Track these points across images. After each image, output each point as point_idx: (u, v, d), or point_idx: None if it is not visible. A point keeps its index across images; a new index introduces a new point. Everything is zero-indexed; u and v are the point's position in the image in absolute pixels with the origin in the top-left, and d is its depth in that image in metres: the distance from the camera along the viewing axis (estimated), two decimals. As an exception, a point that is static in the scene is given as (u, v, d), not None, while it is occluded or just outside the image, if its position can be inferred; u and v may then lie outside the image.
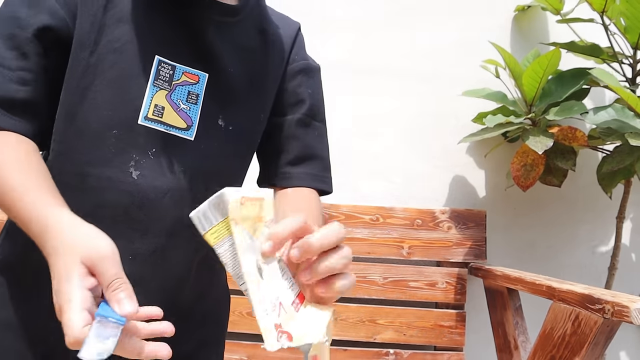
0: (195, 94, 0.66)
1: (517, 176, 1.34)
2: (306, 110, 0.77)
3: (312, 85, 0.79)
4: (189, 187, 0.66)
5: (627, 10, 1.25)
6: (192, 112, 0.66)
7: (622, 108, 1.24)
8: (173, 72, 0.65)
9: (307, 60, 0.80)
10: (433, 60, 1.53)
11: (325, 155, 0.80)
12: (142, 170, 0.63)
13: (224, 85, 0.69)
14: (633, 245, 1.54)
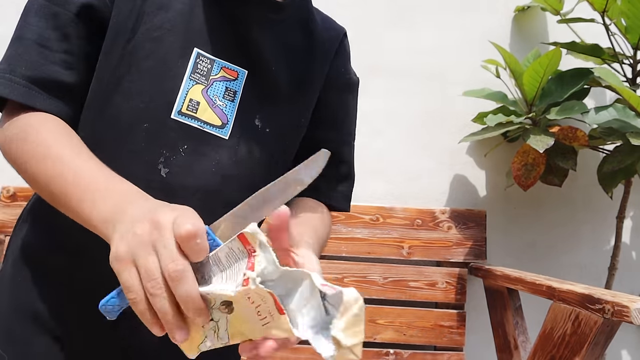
0: (232, 91, 0.63)
1: (517, 175, 1.34)
2: (346, 133, 0.77)
3: (352, 104, 0.79)
4: (220, 189, 0.63)
5: (628, 10, 1.24)
6: (228, 110, 0.63)
7: (623, 108, 1.24)
8: (211, 66, 0.62)
9: (350, 74, 0.78)
10: (433, 60, 1.53)
11: (353, 175, 0.80)
12: (172, 168, 0.60)
13: (264, 83, 0.65)
14: (633, 245, 1.54)
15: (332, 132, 0.75)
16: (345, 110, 0.77)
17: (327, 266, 1.38)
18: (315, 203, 0.73)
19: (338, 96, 0.75)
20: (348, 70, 0.78)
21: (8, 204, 1.37)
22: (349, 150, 0.77)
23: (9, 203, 1.37)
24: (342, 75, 0.76)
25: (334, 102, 0.75)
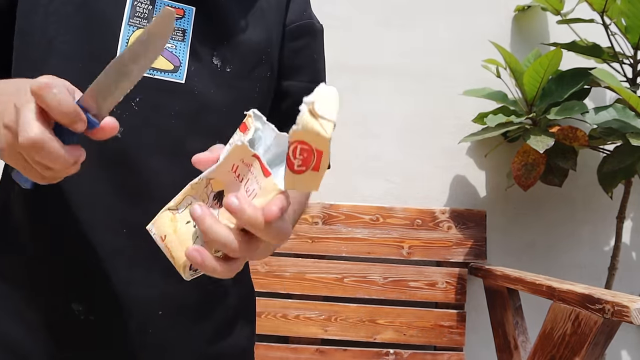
0: (181, 30, 0.56)
1: (518, 176, 1.34)
2: (313, 77, 0.70)
3: (317, 49, 0.72)
4: (183, 142, 0.57)
5: (628, 10, 1.25)
6: (178, 51, 0.56)
7: (623, 108, 1.24)
8: (152, 6, 0.55)
9: (312, 19, 0.72)
10: (433, 59, 1.53)
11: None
12: (126, 126, 0.53)
13: (215, 19, 0.59)
14: (633, 245, 1.54)
15: (302, 77, 0.69)
16: (307, 56, 0.70)
17: (327, 266, 1.38)
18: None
19: (301, 40, 0.69)
20: (310, 16, 0.72)
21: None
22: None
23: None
24: (304, 20, 0.70)
25: (299, 48, 0.69)
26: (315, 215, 1.39)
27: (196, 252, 0.38)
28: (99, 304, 0.56)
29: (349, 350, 1.35)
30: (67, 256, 0.56)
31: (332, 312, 1.36)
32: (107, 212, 0.56)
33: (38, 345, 0.56)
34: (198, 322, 0.62)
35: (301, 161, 0.37)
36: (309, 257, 1.37)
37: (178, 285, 0.57)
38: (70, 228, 0.56)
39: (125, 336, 0.57)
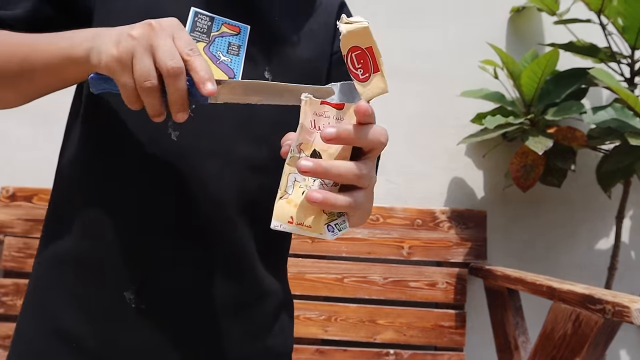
0: (236, 45, 0.62)
1: (516, 177, 1.34)
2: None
3: None
4: (235, 149, 0.61)
5: (624, 10, 1.25)
6: (234, 64, 0.61)
7: (621, 108, 1.24)
8: (211, 23, 0.61)
9: None
10: (432, 60, 1.53)
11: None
12: (181, 131, 0.59)
13: (269, 36, 0.64)
14: (633, 245, 1.54)
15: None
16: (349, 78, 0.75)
17: (327, 266, 1.38)
18: None
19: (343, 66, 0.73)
20: None
21: (8, 204, 1.36)
22: None
23: (9, 203, 1.36)
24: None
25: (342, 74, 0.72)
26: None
27: (315, 193, 0.42)
28: (149, 295, 0.59)
29: (349, 351, 1.35)
30: (122, 248, 0.59)
31: (332, 312, 1.36)
32: (161, 210, 0.60)
33: (89, 331, 0.59)
34: (242, 321, 0.64)
35: (362, 68, 0.44)
36: (309, 257, 1.37)
37: (224, 285, 0.61)
38: (125, 221, 0.59)
39: (171, 328, 0.60)
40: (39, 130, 1.46)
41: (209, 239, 0.61)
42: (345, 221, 0.47)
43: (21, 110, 1.49)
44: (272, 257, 0.68)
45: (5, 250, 1.34)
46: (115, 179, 0.60)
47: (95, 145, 0.61)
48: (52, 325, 0.60)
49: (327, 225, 0.45)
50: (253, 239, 0.64)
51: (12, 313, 1.31)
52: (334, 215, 0.46)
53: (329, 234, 0.45)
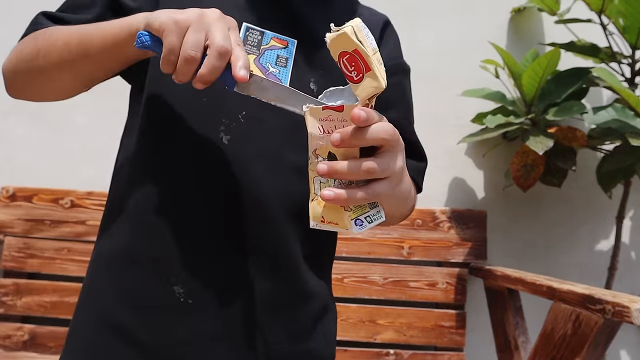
0: (284, 58, 0.66)
1: (517, 176, 1.34)
2: (405, 112, 0.77)
3: (407, 87, 0.80)
4: (282, 153, 0.66)
5: (625, 9, 1.25)
6: (281, 75, 0.65)
7: (622, 108, 1.24)
8: (262, 37, 0.65)
9: (401, 58, 0.81)
10: (433, 60, 1.53)
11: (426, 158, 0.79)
12: (233, 135, 0.63)
13: (314, 50, 0.68)
14: (633, 245, 1.54)
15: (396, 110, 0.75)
16: (399, 91, 0.78)
17: (327, 266, 1.38)
18: None
19: (396, 78, 0.76)
20: (400, 55, 0.81)
21: (8, 204, 1.36)
22: (409, 128, 0.78)
23: (9, 203, 1.36)
24: (392, 59, 0.78)
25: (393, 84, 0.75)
26: (315, 215, 1.39)
27: (326, 192, 0.46)
28: (196, 290, 0.62)
29: (349, 351, 1.35)
30: (171, 245, 0.63)
31: (332, 312, 1.36)
32: (208, 211, 0.63)
33: (140, 324, 0.62)
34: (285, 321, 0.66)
35: (355, 70, 0.46)
36: (309, 257, 1.37)
37: (268, 284, 0.64)
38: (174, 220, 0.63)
39: (217, 323, 0.62)
40: (39, 130, 1.46)
41: (254, 240, 0.63)
42: (380, 212, 0.49)
43: (21, 110, 1.51)
44: (318, 258, 0.70)
45: (5, 250, 1.34)
46: (167, 179, 0.64)
47: (151, 145, 0.65)
48: (105, 320, 0.63)
49: (355, 220, 0.48)
50: (298, 240, 0.66)
51: (12, 313, 1.32)
52: (362, 208, 0.49)
53: (356, 228, 0.48)
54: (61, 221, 1.36)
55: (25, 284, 1.33)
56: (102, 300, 0.64)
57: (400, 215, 0.70)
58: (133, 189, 0.65)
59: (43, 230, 1.35)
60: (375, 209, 0.49)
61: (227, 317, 0.63)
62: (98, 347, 0.63)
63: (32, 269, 1.33)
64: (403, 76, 0.80)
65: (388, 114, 0.73)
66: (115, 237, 0.66)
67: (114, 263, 0.65)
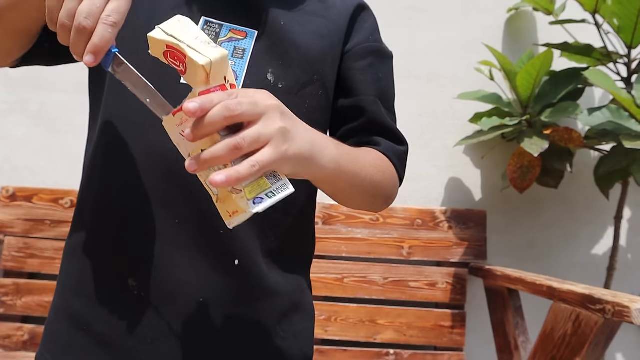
0: (241, 49, 0.65)
1: (513, 178, 1.34)
2: (375, 95, 0.73)
3: (383, 71, 0.75)
4: None
5: (619, 10, 1.24)
6: (237, 67, 0.64)
7: (617, 109, 1.24)
8: (220, 29, 0.64)
9: (379, 43, 0.77)
10: (430, 60, 1.53)
11: (405, 142, 0.77)
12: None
13: (274, 40, 0.66)
14: (631, 245, 1.54)
15: (368, 91, 0.72)
16: (368, 74, 0.74)
17: (327, 266, 1.38)
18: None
19: (368, 61, 0.74)
20: (376, 39, 0.77)
21: (8, 204, 1.36)
22: (379, 110, 0.73)
23: (9, 203, 1.36)
24: (369, 41, 0.75)
25: (364, 66, 0.73)
26: (315, 215, 1.39)
27: (216, 177, 0.43)
28: (149, 282, 0.62)
29: (349, 351, 1.35)
30: (125, 236, 0.63)
31: (332, 312, 1.36)
32: (165, 205, 0.62)
33: (97, 315, 0.63)
34: (243, 318, 0.65)
35: (180, 63, 0.46)
36: (309, 257, 1.37)
37: (222, 279, 0.62)
38: (129, 210, 0.63)
39: (168, 316, 0.62)
40: (39, 130, 1.46)
41: (207, 233, 0.62)
42: (285, 184, 0.47)
43: (21, 110, 1.50)
44: (284, 254, 0.68)
45: (5, 250, 1.34)
46: (117, 175, 0.63)
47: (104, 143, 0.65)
48: (65, 310, 0.65)
49: (254, 199, 0.46)
50: (255, 235, 0.64)
51: (12, 313, 1.31)
52: (260, 186, 0.47)
53: (254, 207, 0.46)
54: (61, 221, 1.36)
55: (25, 284, 1.33)
56: (65, 291, 0.66)
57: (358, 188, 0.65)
58: (89, 186, 0.66)
59: (43, 230, 1.35)
60: (279, 182, 0.47)
61: (179, 312, 0.62)
62: (61, 336, 0.64)
63: (32, 269, 1.33)
64: (376, 60, 0.75)
65: (352, 96, 0.72)
66: (76, 231, 0.67)
67: (73, 256, 0.66)
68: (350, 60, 0.73)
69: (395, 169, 0.74)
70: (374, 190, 0.67)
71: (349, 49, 0.73)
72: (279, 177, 0.48)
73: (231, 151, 0.45)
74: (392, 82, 0.78)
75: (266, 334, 0.66)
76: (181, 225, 0.62)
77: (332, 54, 0.71)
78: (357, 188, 0.64)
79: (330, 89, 0.72)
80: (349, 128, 0.73)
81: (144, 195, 0.63)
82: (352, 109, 0.72)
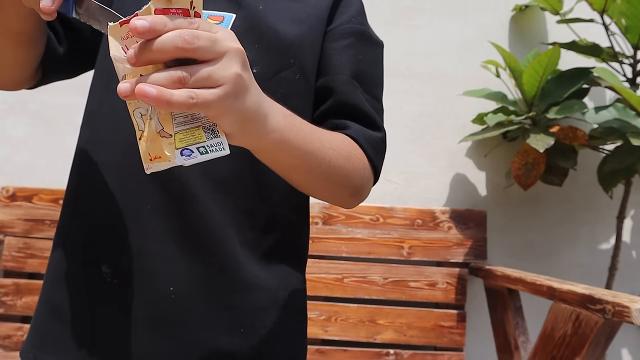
0: None
1: (518, 175, 1.34)
2: (354, 73, 0.68)
3: (364, 53, 0.71)
4: None
5: (627, 10, 1.24)
6: None
7: (623, 108, 1.24)
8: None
9: (363, 26, 0.72)
10: (433, 59, 1.52)
11: (382, 128, 0.70)
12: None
13: (251, 24, 0.65)
14: (633, 245, 1.54)
15: (343, 71, 0.68)
16: (346, 55, 0.70)
17: (327, 266, 1.38)
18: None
19: (347, 41, 0.70)
20: (360, 22, 0.72)
21: (8, 204, 1.36)
22: (354, 91, 0.68)
23: (9, 203, 1.37)
24: (350, 23, 0.71)
25: (342, 47, 0.70)
26: (315, 215, 1.39)
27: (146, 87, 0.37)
28: (121, 269, 0.61)
29: (349, 351, 1.35)
30: (99, 222, 0.63)
31: (332, 312, 1.36)
32: (138, 190, 0.62)
33: (70, 302, 0.62)
34: (213, 309, 0.61)
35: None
36: (309, 257, 1.36)
37: (195, 266, 0.60)
38: (104, 195, 0.63)
39: (138, 305, 0.60)
40: (39, 130, 1.46)
41: (178, 220, 0.60)
42: (222, 143, 0.41)
43: (21, 110, 1.50)
44: (267, 247, 0.65)
45: (5, 250, 1.34)
46: (98, 161, 0.64)
47: (86, 130, 0.68)
48: (44, 301, 0.65)
49: (182, 150, 0.40)
50: (232, 222, 0.62)
51: (12, 313, 1.32)
52: (194, 136, 0.41)
53: (181, 159, 0.40)
54: (61, 221, 1.36)
55: (25, 284, 1.33)
56: (46, 282, 0.66)
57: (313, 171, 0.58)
58: (71, 174, 0.68)
59: (43, 230, 1.35)
60: (216, 140, 0.41)
61: (153, 301, 0.60)
62: (41, 329, 0.64)
63: (32, 269, 1.34)
64: (357, 41, 0.71)
65: (328, 76, 0.68)
66: (60, 221, 0.67)
67: (55, 246, 0.66)
68: (328, 41, 0.70)
69: (368, 157, 0.66)
70: (336, 177, 0.60)
71: (329, 30, 0.70)
72: (217, 133, 0.41)
73: (173, 83, 0.38)
74: (377, 69, 0.73)
75: (242, 330, 0.62)
76: (154, 211, 0.61)
77: (311, 39, 0.69)
78: (313, 171, 0.58)
79: (310, 74, 0.68)
80: (320, 111, 0.69)
81: (116, 181, 0.62)
82: (323, 89, 0.69)
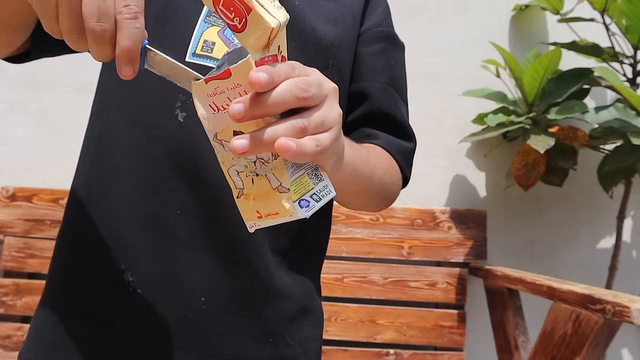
0: None
1: (518, 175, 1.34)
2: (390, 80, 0.69)
3: (395, 58, 0.71)
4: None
5: (628, 9, 1.24)
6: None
7: (623, 107, 1.24)
8: None
9: (392, 29, 0.73)
10: (433, 59, 1.52)
11: (413, 137, 0.71)
12: (189, 112, 0.58)
13: (287, 23, 0.63)
14: (633, 245, 1.54)
15: (379, 78, 0.69)
16: (381, 59, 0.70)
17: (327, 266, 1.37)
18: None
19: (380, 46, 0.70)
20: (389, 25, 0.73)
21: (8, 204, 1.36)
22: (390, 100, 0.69)
23: (9, 203, 1.37)
24: (382, 26, 0.71)
25: (376, 52, 0.70)
26: (315, 215, 1.39)
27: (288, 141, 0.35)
28: (147, 278, 0.58)
29: (349, 351, 1.35)
30: (120, 226, 0.59)
31: (332, 312, 1.36)
32: (166, 193, 0.59)
33: (85, 313, 0.59)
34: (246, 320, 0.60)
35: (236, 16, 0.35)
36: (309, 257, 1.37)
37: (227, 276, 0.58)
38: (131, 203, 0.59)
39: (164, 315, 0.58)
40: (39, 130, 1.46)
41: (209, 227, 0.58)
42: (327, 185, 0.40)
43: (21, 110, 1.50)
44: (295, 254, 0.63)
45: (5, 250, 1.34)
46: (113, 158, 0.60)
47: (97, 126, 0.62)
48: (54, 307, 0.61)
49: (299, 201, 0.39)
50: (266, 231, 0.58)
51: (12, 313, 1.32)
52: (304, 185, 0.39)
53: (302, 211, 0.38)
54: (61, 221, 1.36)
55: (25, 284, 1.33)
56: (52, 285, 0.63)
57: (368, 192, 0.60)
58: (80, 174, 0.63)
59: (43, 230, 1.35)
60: (321, 183, 0.40)
61: (178, 313, 0.57)
62: (45, 334, 0.60)
63: (32, 269, 1.34)
64: (390, 46, 0.72)
65: (371, 82, 0.68)
66: (66, 222, 0.64)
67: (62, 249, 0.63)
68: (362, 45, 0.69)
69: (400, 168, 0.68)
70: (382, 193, 0.63)
71: (361, 32, 0.69)
72: (321, 176, 0.40)
73: (297, 134, 0.37)
74: (404, 72, 0.75)
75: (271, 340, 0.61)
76: (183, 216, 0.58)
77: (348, 39, 0.68)
78: (367, 192, 0.60)
79: (346, 75, 0.67)
80: (354, 117, 0.68)
81: (140, 181, 0.59)
82: (357, 94, 0.68)
